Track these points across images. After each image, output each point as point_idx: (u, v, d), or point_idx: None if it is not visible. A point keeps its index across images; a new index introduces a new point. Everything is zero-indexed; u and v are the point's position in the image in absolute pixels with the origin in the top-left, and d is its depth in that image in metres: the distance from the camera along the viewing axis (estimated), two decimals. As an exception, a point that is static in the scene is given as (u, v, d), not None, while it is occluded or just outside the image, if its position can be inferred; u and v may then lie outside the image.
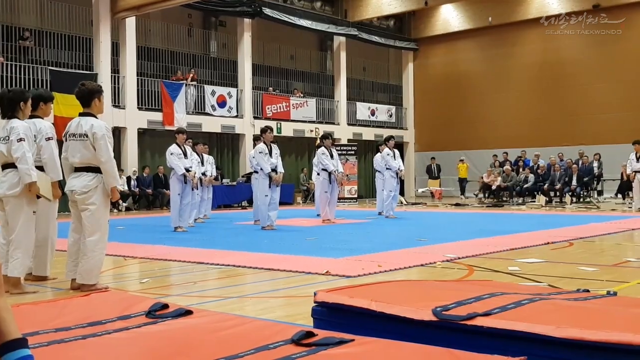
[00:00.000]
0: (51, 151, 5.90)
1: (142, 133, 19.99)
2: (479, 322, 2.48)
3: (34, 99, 6.09)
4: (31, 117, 6.05)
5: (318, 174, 13.49)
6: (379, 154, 15.29)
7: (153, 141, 20.25)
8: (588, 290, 3.64)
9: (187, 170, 11.71)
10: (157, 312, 2.87)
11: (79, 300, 3.16)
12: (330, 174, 12.98)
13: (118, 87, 19.43)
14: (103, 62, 18.83)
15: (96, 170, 5.68)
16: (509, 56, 25.65)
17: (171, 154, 11.75)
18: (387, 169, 14.56)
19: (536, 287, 4.06)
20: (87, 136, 5.64)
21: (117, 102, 19.30)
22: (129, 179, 19.10)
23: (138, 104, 19.75)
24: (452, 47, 27.33)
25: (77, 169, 5.76)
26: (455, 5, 26.14)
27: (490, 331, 2.43)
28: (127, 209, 18.85)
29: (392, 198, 14.53)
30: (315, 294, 2.80)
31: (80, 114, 5.82)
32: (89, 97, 5.81)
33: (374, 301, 2.70)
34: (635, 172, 15.42)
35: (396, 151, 14.85)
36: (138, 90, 19.75)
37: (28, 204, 5.73)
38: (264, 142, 11.73)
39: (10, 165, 5.74)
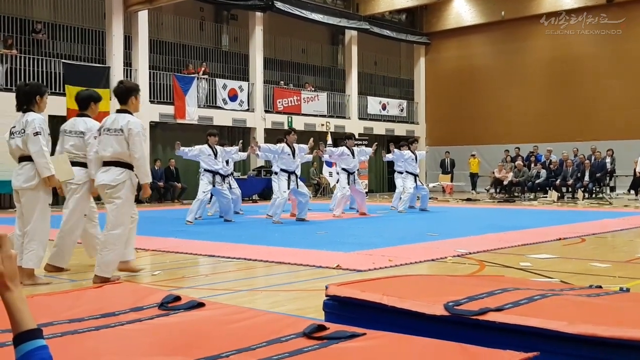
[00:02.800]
0: None
1: (153, 126, 20.04)
2: (491, 317, 2.47)
3: (85, 99, 6.44)
4: (80, 115, 6.42)
5: (337, 172, 13.61)
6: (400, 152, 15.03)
7: (165, 134, 20.30)
8: (600, 287, 3.62)
9: (216, 172, 11.74)
10: (170, 304, 2.89)
11: (92, 292, 3.18)
12: (350, 174, 13.07)
13: (131, 80, 19.47)
14: (115, 55, 18.89)
15: (125, 165, 5.76)
16: (521, 51, 25.51)
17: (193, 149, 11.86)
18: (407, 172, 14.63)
19: (548, 283, 4.04)
20: (122, 131, 5.73)
21: (129, 96, 19.34)
22: (140, 171, 19.15)
23: (150, 97, 19.80)
24: (464, 42, 27.22)
25: (106, 163, 5.82)
26: (467, -1, 26.04)
27: (502, 326, 2.43)
28: (139, 201, 18.89)
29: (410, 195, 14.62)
30: (326, 287, 2.80)
31: (117, 111, 5.95)
32: (126, 95, 5.95)
33: (386, 295, 2.70)
34: None
35: (417, 153, 14.88)
36: (150, 83, 19.80)
37: (44, 196, 5.80)
38: (287, 143, 11.83)
39: (26, 158, 5.80)
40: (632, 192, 20.44)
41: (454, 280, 3.35)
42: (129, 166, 5.76)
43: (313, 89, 24.78)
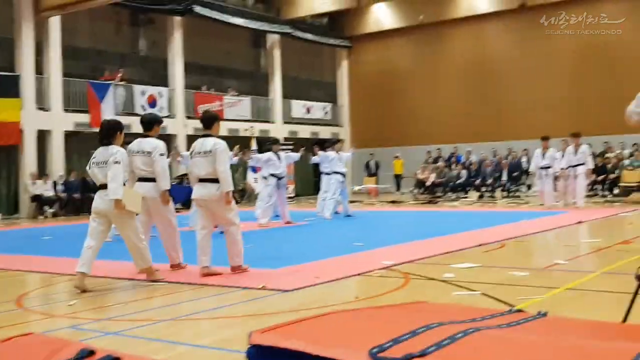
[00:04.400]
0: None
1: (68, 136, 19.38)
2: (415, 364, 2.43)
3: (149, 122, 7.57)
4: (145, 136, 7.47)
5: (264, 177, 13.45)
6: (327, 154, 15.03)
7: (80, 144, 19.61)
8: (520, 310, 3.66)
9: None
10: (82, 360, 2.72)
11: (-3, 347, 2.97)
12: (279, 179, 13.09)
13: (42, 89, 18.77)
14: (25, 63, 18.19)
15: (217, 180, 6.93)
16: (440, 54, 26.04)
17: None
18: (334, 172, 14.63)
19: (468, 308, 4.05)
20: (211, 152, 6.93)
21: (41, 104, 18.65)
22: (55, 183, 18.50)
23: (64, 106, 19.14)
24: (385, 45, 27.56)
25: (202, 180, 7.00)
26: (387, 3, 26.39)
27: (426, 373, 2.38)
28: (54, 214, 18.26)
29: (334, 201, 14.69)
30: (249, 335, 2.70)
31: (203, 135, 7.19)
32: (211, 122, 7.25)
33: (309, 343, 2.62)
34: (542, 168, 15.39)
35: (342, 154, 14.93)
36: (64, 91, 19.13)
37: (127, 213, 6.67)
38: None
39: (106, 186, 6.63)
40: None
41: (377, 316, 3.30)
42: (218, 181, 6.94)
43: (236, 94, 24.53)
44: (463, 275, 6.65)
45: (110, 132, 6.79)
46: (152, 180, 7.25)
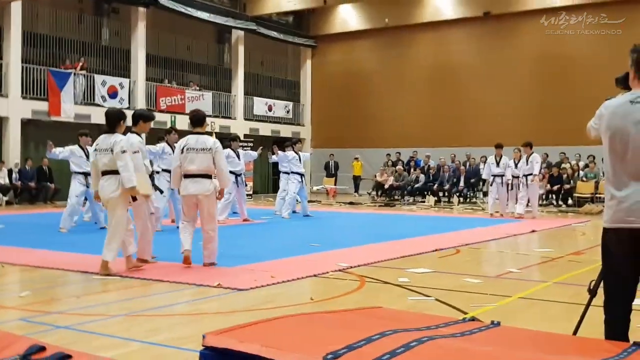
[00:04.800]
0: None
1: (25, 123, 18.98)
2: (369, 370, 2.47)
3: (135, 117, 7.50)
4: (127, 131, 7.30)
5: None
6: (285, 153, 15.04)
7: (38, 132, 19.24)
8: (473, 319, 3.73)
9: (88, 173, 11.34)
10: (33, 356, 2.69)
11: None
12: (237, 176, 13.03)
13: (1, 75, 18.34)
14: (-16, 48, 17.76)
15: (210, 176, 7.27)
16: (404, 57, 26.24)
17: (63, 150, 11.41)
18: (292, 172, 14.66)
19: (422, 315, 4.13)
20: (210, 150, 7.22)
21: (-1, 90, 18.26)
22: (10, 171, 18.10)
23: (22, 93, 18.73)
24: (350, 46, 27.66)
25: (194, 175, 7.21)
26: (353, 5, 26.46)
27: (379, 380, 2.43)
28: (8, 203, 17.87)
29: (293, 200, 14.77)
30: (203, 337, 2.72)
31: (194, 133, 7.41)
32: (203, 121, 7.56)
33: (264, 346, 2.65)
34: (494, 176, 15.31)
35: (300, 154, 14.96)
36: (23, 78, 18.72)
37: (123, 203, 6.91)
38: (167, 143, 11.65)
39: (109, 172, 6.89)
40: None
41: (333, 321, 3.34)
42: (211, 177, 7.27)
43: (198, 88, 24.34)
44: (418, 280, 6.73)
45: (114, 121, 7.07)
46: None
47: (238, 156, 13.30)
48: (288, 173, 14.82)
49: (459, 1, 24.55)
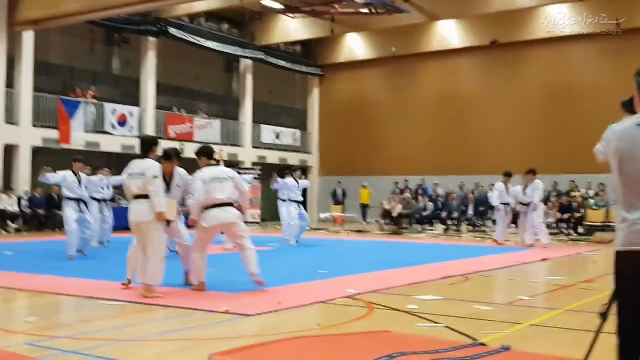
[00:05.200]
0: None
1: (36, 151, 19.11)
2: (377, 393, 2.43)
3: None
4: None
5: None
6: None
7: (48, 160, 19.21)
8: (483, 344, 3.69)
9: (79, 199, 11.34)
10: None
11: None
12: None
13: (12, 103, 18.52)
14: (-5, 76, 17.98)
15: (232, 204, 7.52)
16: (411, 86, 26.36)
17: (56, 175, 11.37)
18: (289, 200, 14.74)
19: (432, 339, 4.08)
20: (232, 178, 7.57)
21: (10, 118, 18.40)
22: (19, 199, 18.18)
23: (33, 121, 18.89)
24: (357, 75, 27.82)
25: (222, 205, 7.37)
26: (360, 34, 26.65)
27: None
28: (17, 230, 17.91)
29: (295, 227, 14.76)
30: (209, 357, 2.68)
31: (211, 164, 7.69)
32: (213, 152, 7.87)
33: (271, 368, 2.61)
34: (503, 204, 15.22)
35: (301, 181, 15.03)
36: (34, 106, 18.90)
37: (156, 226, 7.06)
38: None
39: (140, 196, 7.03)
40: (513, 225, 21.27)
41: (340, 343, 3.30)
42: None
43: (206, 116, 24.49)
44: (426, 307, 6.66)
45: (148, 146, 7.30)
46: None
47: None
48: (284, 200, 14.89)
49: (466, 30, 24.69)
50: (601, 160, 3.58)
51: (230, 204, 7.49)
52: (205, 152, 7.80)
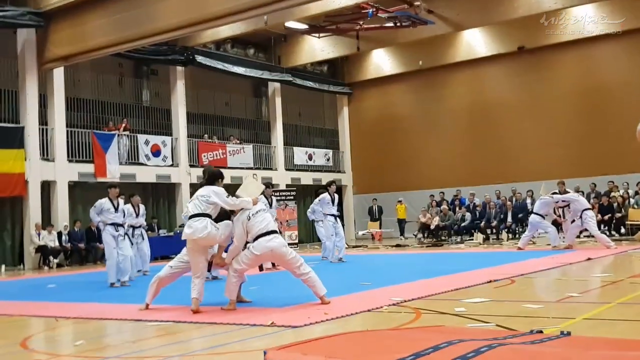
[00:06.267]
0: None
1: (72, 186, 19.39)
2: (440, 375, 2.34)
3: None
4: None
5: None
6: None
7: (84, 194, 19.57)
8: (541, 331, 3.57)
9: (117, 224, 11.40)
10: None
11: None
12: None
13: (47, 140, 18.86)
14: (30, 115, 18.33)
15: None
16: (440, 98, 26.22)
17: (94, 207, 11.43)
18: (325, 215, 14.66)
19: (488, 329, 3.96)
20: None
21: (46, 155, 18.74)
22: (59, 234, 18.41)
23: (68, 156, 19.20)
24: (385, 91, 27.77)
25: (270, 232, 7.34)
26: (386, 49, 26.64)
27: (452, 384, 2.30)
28: (59, 265, 18.12)
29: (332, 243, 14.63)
30: (265, 352, 2.62)
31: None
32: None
33: (328, 357, 2.54)
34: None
35: (336, 196, 14.91)
36: (68, 142, 19.21)
37: (206, 245, 7.48)
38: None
39: (198, 215, 7.34)
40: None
41: (395, 335, 3.21)
42: None
43: (238, 142, 24.63)
44: (475, 309, 6.53)
45: (212, 179, 7.71)
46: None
47: (270, 204, 13.43)
48: (320, 221, 14.88)
49: (492, 38, 24.53)
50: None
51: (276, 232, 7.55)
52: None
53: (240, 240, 7.40)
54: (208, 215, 7.40)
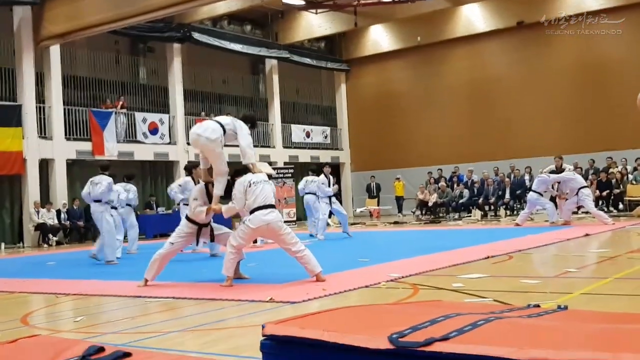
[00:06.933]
0: None
1: (71, 164, 19.36)
2: (438, 347, 2.36)
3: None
4: None
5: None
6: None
7: (83, 172, 19.55)
8: (538, 305, 3.58)
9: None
10: (92, 357, 2.65)
11: (4, 348, 2.90)
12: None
13: (44, 118, 18.80)
14: (27, 93, 18.25)
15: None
16: (438, 74, 26.11)
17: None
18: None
19: (485, 304, 4.00)
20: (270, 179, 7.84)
21: (43, 133, 18.69)
22: (58, 212, 18.43)
23: (66, 134, 19.15)
24: (383, 67, 27.65)
25: (268, 206, 7.28)
26: (384, 25, 26.49)
27: (449, 357, 2.32)
28: (58, 243, 18.16)
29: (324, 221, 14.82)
30: (263, 326, 2.64)
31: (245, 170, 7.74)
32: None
33: (326, 331, 2.55)
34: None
35: (331, 177, 15.03)
36: (65, 120, 19.16)
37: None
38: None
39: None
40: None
41: (393, 309, 3.23)
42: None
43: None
44: (472, 284, 6.56)
45: (246, 120, 8.18)
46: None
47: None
48: (315, 194, 15.00)
49: (491, 13, 24.37)
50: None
51: (273, 206, 7.58)
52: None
53: (239, 202, 7.39)
54: (222, 127, 7.86)
